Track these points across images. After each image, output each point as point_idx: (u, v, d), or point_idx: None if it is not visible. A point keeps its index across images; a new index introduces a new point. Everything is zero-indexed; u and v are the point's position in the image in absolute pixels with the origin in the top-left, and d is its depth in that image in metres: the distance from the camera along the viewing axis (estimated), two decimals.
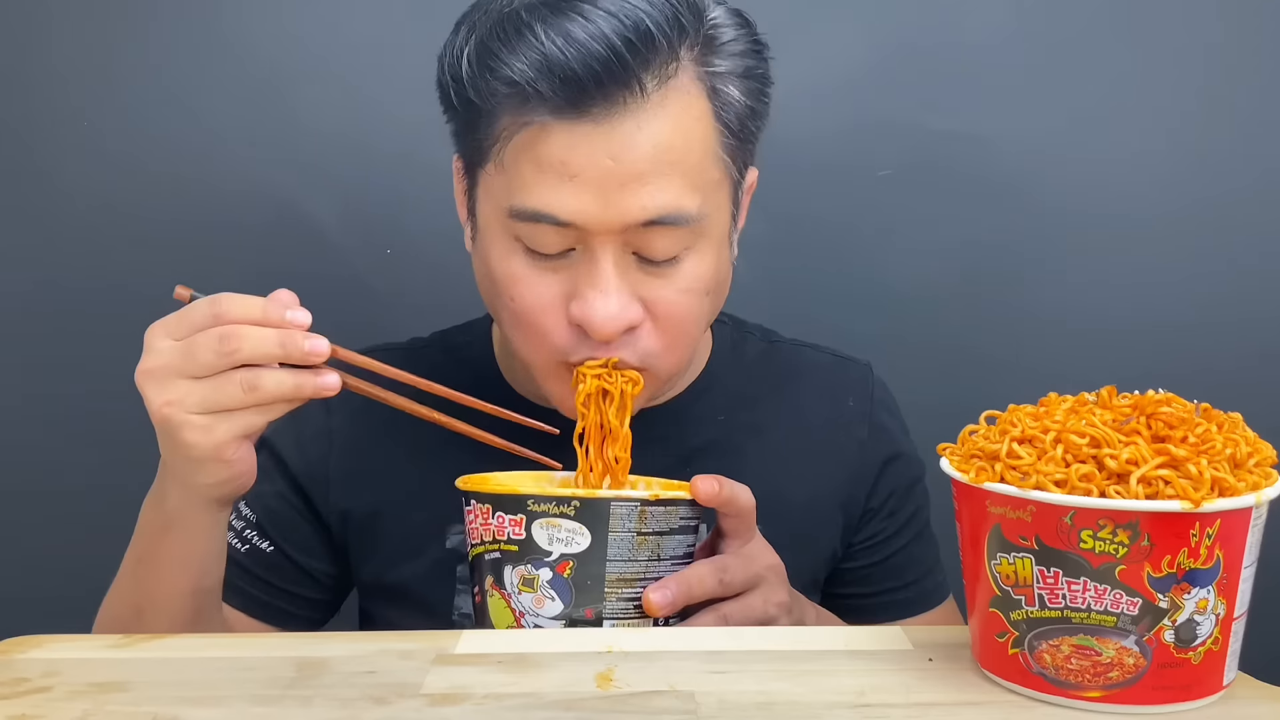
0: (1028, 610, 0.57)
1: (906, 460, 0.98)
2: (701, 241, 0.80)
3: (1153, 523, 0.54)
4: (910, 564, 0.98)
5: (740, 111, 0.80)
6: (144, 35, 1.22)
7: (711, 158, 0.79)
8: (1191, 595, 0.55)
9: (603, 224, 0.76)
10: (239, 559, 0.94)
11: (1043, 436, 0.57)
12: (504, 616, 0.73)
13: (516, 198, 0.77)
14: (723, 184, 0.81)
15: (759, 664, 0.64)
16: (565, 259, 0.79)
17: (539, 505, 0.71)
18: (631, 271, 0.79)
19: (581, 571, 0.71)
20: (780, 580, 0.78)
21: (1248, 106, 1.21)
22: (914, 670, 0.63)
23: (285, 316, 0.71)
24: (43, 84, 1.23)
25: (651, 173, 0.76)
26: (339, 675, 0.63)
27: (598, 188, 0.75)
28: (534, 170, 0.76)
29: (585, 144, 0.75)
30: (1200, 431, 0.57)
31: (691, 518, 0.75)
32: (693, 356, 0.87)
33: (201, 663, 0.65)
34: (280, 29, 1.23)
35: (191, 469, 0.73)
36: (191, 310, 0.71)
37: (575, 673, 0.63)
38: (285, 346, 0.70)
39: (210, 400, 0.70)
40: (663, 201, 0.76)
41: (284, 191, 1.24)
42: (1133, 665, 0.55)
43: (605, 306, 0.77)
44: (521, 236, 0.79)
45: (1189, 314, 1.23)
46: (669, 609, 0.72)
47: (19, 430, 1.27)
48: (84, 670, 0.64)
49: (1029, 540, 0.56)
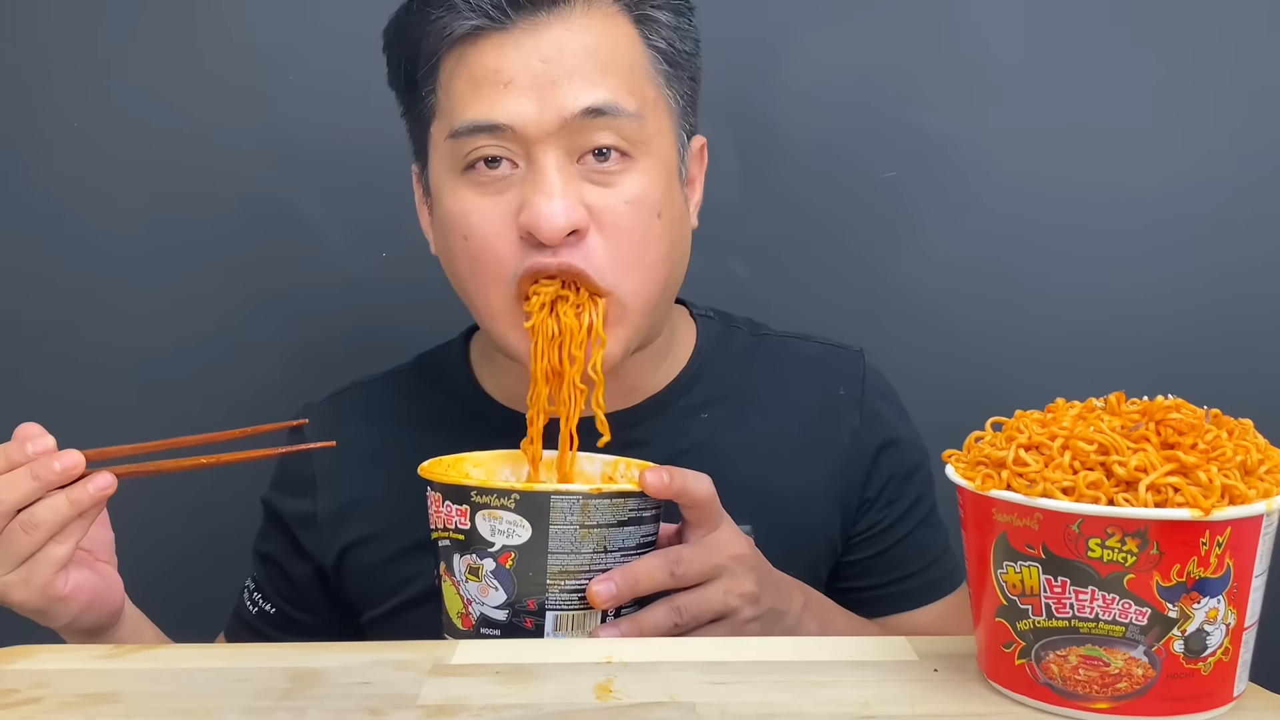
0: (1035, 620, 0.56)
1: (903, 446, 0.96)
2: (645, 158, 0.82)
3: (1162, 531, 0.53)
4: (915, 553, 0.96)
5: (667, 36, 0.83)
6: (139, 38, 1.22)
7: (644, 74, 0.83)
8: (1201, 605, 0.54)
9: (540, 125, 0.79)
10: (250, 621, 0.97)
11: (1050, 443, 0.57)
12: (454, 602, 0.73)
13: (456, 118, 0.81)
14: (659, 105, 0.84)
15: (761, 674, 0.63)
16: (511, 179, 0.81)
17: (481, 497, 0.71)
18: (575, 181, 0.80)
19: (523, 563, 0.71)
20: (746, 570, 0.75)
21: (1257, 106, 1.20)
22: (919, 681, 0.62)
23: (27, 451, 0.72)
24: (33, 87, 1.22)
25: (582, 70, 0.79)
26: (333, 686, 0.62)
27: (531, 89, 0.79)
28: (469, 86, 0.80)
29: (515, 51, 0.79)
30: (1210, 438, 0.56)
31: (644, 508, 0.74)
32: (660, 298, 0.85)
33: (193, 674, 0.65)
34: (276, 33, 1.22)
35: (42, 619, 0.75)
36: None
37: (573, 683, 0.62)
38: (40, 477, 0.71)
39: (6, 557, 0.72)
40: (596, 95, 0.79)
41: (279, 196, 1.24)
42: (1141, 676, 0.55)
43: (549, 205, 0.78)
44: (468, 158, 0.81)
45: (1198, 316, 1.22)
46: (613, 601, 0.71)
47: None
48: (74, 681, 0.63)
49: (1036, 549, 0.55)
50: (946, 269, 1.23)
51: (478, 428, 0.90)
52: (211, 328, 1.24)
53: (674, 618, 0.73)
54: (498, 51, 0.79)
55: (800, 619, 0.79)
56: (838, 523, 0.94)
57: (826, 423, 0.94)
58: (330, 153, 1.23)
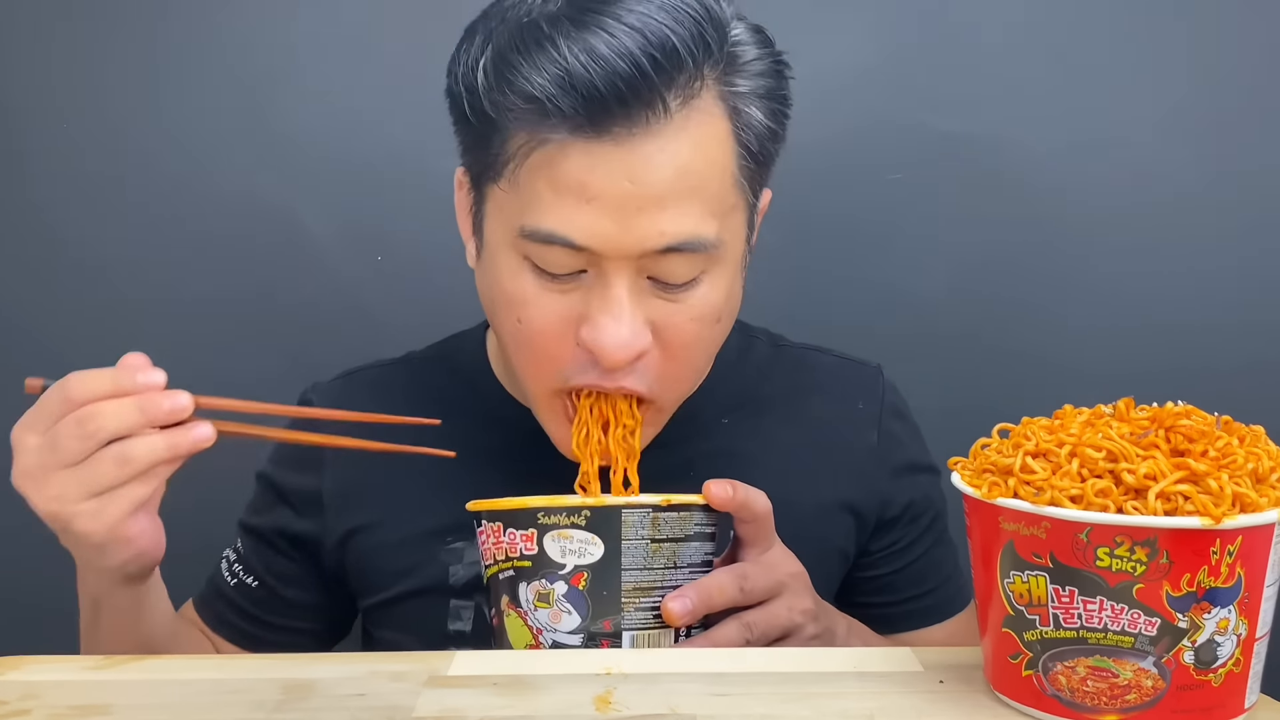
0: (1042, 630, 0.55)
1: (920, 466, 0.97)
2: (716, 268, 0.79)
3: (1172, 540, 0.52)
4: (929, 571, 0.97)
5: (760, 133, 0.78)
6: (133, 44, 1.21)
7: (730, 182, 0.77)
8: (1212, 615, 0.53)
9: (619, 249, 0.74)
10: (227, 592, 0.96)
11: (1057, 450, 0.56)
12: (522, 635, 0.72)
13: (530, 218, 0.75)
14: (739, 208, 0.80)
15: (764, 686, 0.62)
16: (576, 280, 0.76)
17: (549, 517, 0.70)
18: (644, 296, 0.77)
19: (597, 582, 0.70)
20: (804, 588, 0.76)
21: (1264, 105, 1.20)
22: (925, 693, 0.61)
23: (138, 381, 0.69)
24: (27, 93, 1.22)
25: (670, 197, 0.74)
26: (328, 698, 0.61)
27: (615, 211, 0.73)
28: (550, 190, 0.74)
29: (604, 165, 0.72)
30: (1221, 445, 0.55)
31: (707, 524, 0.74)
32: (697, 384, 0.86)
33: (185, 685, 0.64)
34: (271, 39, 1.21)
35: (96, 554, 0.73)
36: (45, 401, 0.70)
37: (573, 695, 0.61)
38: (146, 412, 0.68)
39: (89, 485, 0.69)
40: (681, 228, 0.74)
41: (274, 200, 1.23)
42: (1151, 688, 0.54)
43: (617, 333, 0.75)
44: (532, 256, 0.76)
45: (1208, 318, 1.21)
46: (689, 618, 0.71)
47: None
48: (64, 693, 0.63)
49: (1043, 558, 0.54)
50: (951, 270, 1.22)
51: (491, 420, 0.90)
52: (204, 329, 1.23)
53: (745, 634, 0.73)
54: (585, 161, 0.72)
55: (848, 641, 0.80)
56: (852, 538, 0.94)
57: (843, 436, 0.95)
58: (325, 156, 1.22)
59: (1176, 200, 1.21)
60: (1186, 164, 1.20)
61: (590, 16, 0.71)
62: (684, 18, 0.72)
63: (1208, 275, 1.21)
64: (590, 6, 0.72)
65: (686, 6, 0.72)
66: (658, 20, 0.71)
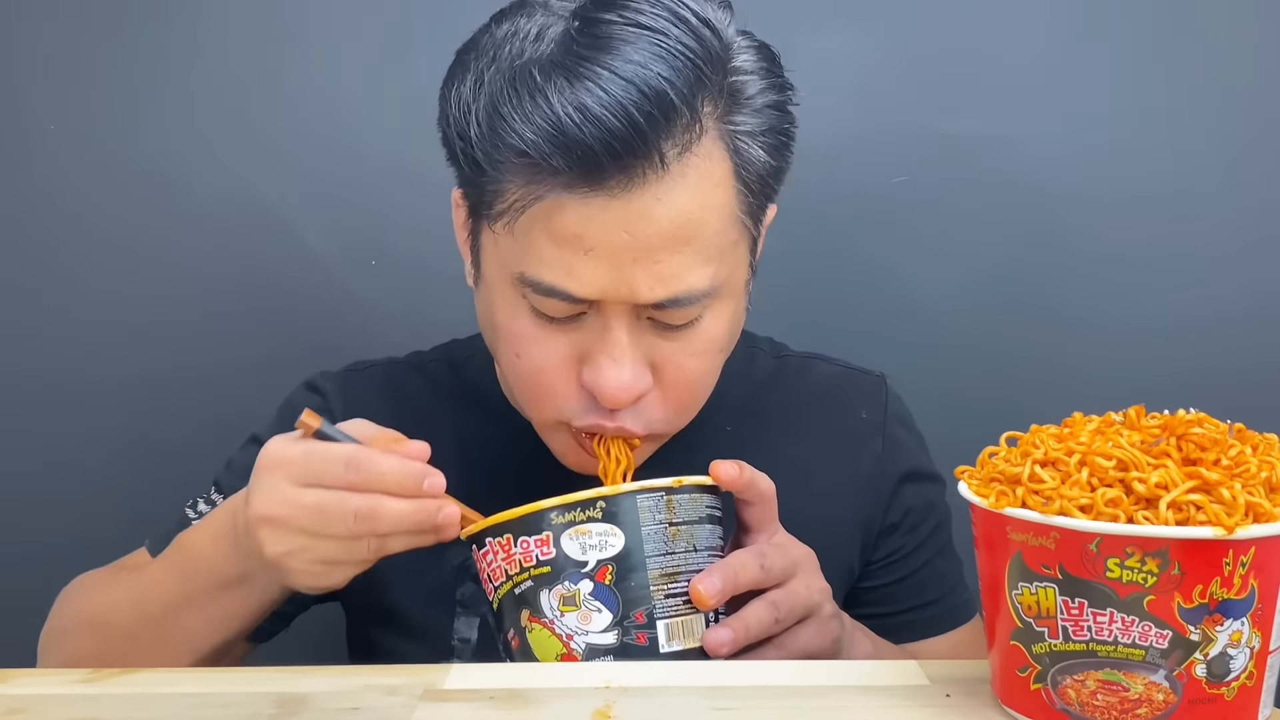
0: (1051, 643, 0.54)
1: (924, 476, 0.96)
2: (718, 303, 0.78)
3: (1183, 550, 0.51)
4: (933, 581, 0.96)
5: (761, 170, 0.77)
6: (126, 44, 1.21)
7: (731, 221, 0.77)
8: (1224, 627, 0.52)
9: (615, 295, 0.74)
10: None
11: (1067, 459, 0.55)
12: (551, 647, 0.69)
13: (528, 267, 0.74)
14: (741, 240, 0.79)
15: (766, 700, 0.61)
16: (576, 321, 0.76)
17: (563, 516, 0.68)
18: (645, 335, 0.77)
19: (623, 574, 0.68)
20: (816, 568, 0.76)
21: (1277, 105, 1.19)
22: (931, 707, 0.60)
23: (423, 487, 0.69)
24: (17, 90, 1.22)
25: (668, 248, 0.73)
26: (321, 712, 0.60)
27: (612, 262, 0.72)
28: (548, 243, 0.73)
29: (601, 216, 0.72)
30: (1234, 454, 0.54)
31: (716, 507, 0.73)
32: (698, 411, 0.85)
33: (176, 698, 0.63)
34: (265, 39, 1.21)
35: (271, 572, 0.72)
36: (323, 460, 0.69)
37: (571, 709, 0.60)
38: (421, 526, 0.69)
39: (334, 557, 0.70)
40: (677, 285, 0.74)
41: (268, 202, 1.23)
42: (1162, 702, 0.53)
43: (618, 376, 0.75)
44: (530, 299, 0.76)
45: (1221, 325, 1.20)
46: (719, 597, 0.69)
47: None
48: (52, 706, 0.62)
49: (1052, 569, 0.53)
50: (958, 275, 1.22)
51: (497, 425, 0.90)
52: (198, 336, 1.23)
53: (774, 613, 0.71)
54: (582, 214, 0.72)
55: (854, 637, 0.80)
56: (857, 547, 0.93)
57: (847, 446, 0.94)
58: (319, 161, 1.22)
59: (1187, 205, 1.20)
60: (1198, 168, 1.20)
61: (584, 67, 0.70)
62: (681, 63, 0.70)
63: (1220, 281, 1.20)
64: (584, 54, 0.70)
65: (684, 49, 0.70)
66: (653, 70, 0.69)
